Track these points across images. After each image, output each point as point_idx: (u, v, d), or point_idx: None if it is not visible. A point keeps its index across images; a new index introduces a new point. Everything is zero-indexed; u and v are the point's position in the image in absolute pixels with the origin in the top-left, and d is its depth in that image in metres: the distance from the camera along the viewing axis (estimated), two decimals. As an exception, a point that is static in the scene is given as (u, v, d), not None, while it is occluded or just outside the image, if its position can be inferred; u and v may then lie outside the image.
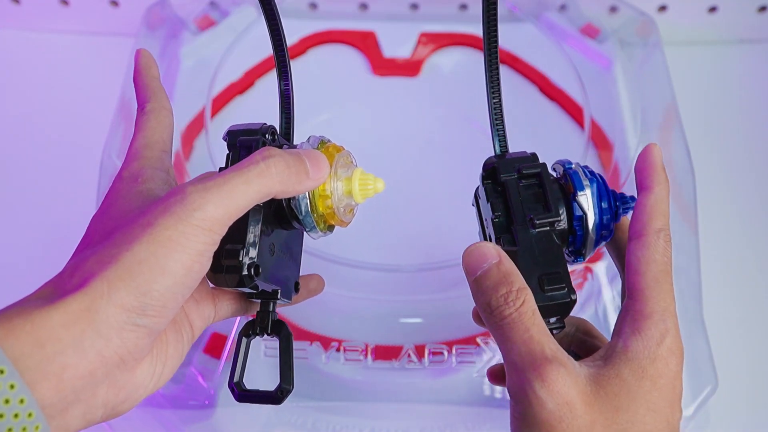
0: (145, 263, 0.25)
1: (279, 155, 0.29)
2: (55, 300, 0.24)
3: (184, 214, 0.26)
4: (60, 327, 0.24)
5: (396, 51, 0.61)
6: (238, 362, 0.32)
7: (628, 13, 0.59)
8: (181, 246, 0.26)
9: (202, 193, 0.26)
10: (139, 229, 0.26)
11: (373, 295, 0.46)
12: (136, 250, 0.25)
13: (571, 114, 0.58)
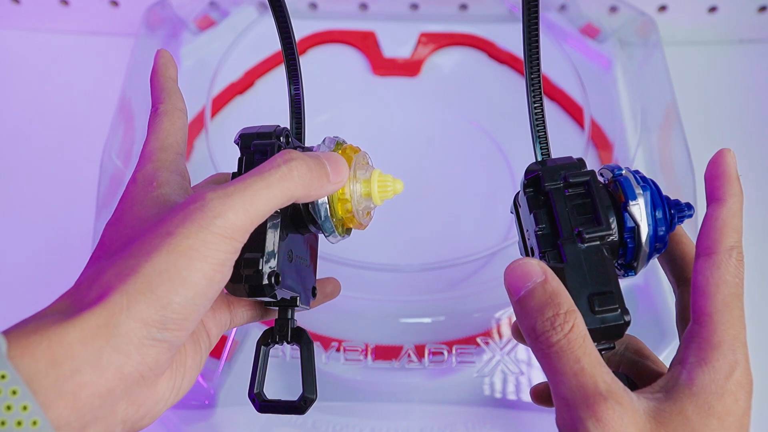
0: (165, 274, 0.24)
1: (300, 159, 0.28)
2: (73, 315, 0.23)
3: (205, 222, 0.25)
4: (77, 344, 0.23)
5: (396, 51, 0.61)
6: (258, 372, 0.31)
7: (628, 13, 0.59)
8: (202, 255, 0.25)
9: (223, 200, 0.25)
10: (158, 238, 0.25)
11: (373, 295, 0.46)
12: (156, 261, 0.24)
13: (571, 114, 0.58)
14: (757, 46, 0.66)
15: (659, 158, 0.52)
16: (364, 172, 0.32)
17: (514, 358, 0.43)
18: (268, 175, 0.27)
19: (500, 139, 0.57)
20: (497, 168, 0.56)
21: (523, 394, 0.43)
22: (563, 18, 0.60)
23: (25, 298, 0.54)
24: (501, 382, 0.43)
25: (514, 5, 0.61)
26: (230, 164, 0.33)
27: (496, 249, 0.47)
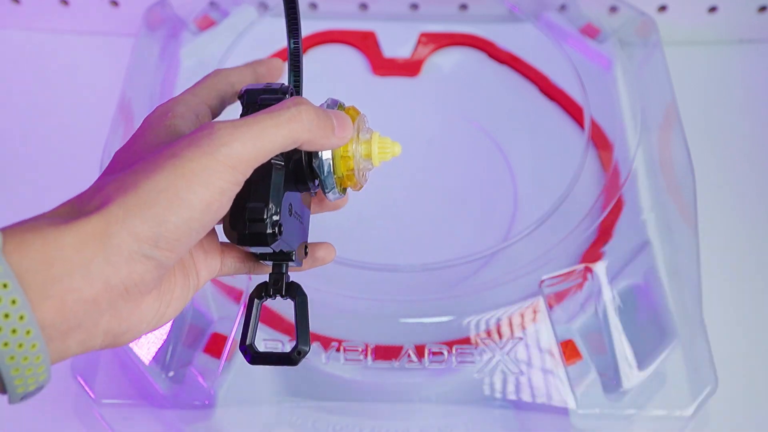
0: (164, 193, 0.25)
1: (310, 105, 0.29)
2: (70, 220, 0.24)
3: (210, 148, 0.26)
4: (70, 248, 0.24)
5: (396, 51, 0.61)
6: (250, 324, 0.31)
7: (628, 13, 0.59)
8: (203, 180, 0.25)
9: (231, 130, 0.26)
10: (162, 159, 0.26)
11: (373, 295, 0.46)
12: (158, 179, 0.25)
13: (571, 114, 0.58)
14: (757, 46, 0.66)
15: (659, 158, 0.52)
16: (365, 134, 0.33)
17: (514, 358, 0.43)
18: (277, 115, 0.28)
19: (500, 139, 0.57)
20: (497, 168, 0.56)
21: (523, 394, 0.43)
22: (563, 18, 0.60)
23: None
24: (501, 382, 0.43)
25: (514, 5, 0.61)
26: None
27: (496, 249, 0.47)
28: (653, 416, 0.43)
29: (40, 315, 0.23)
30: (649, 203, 0.49)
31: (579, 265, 0.46)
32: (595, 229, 0.49)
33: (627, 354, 0.43)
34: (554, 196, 0.47)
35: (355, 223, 0.53)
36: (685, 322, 0.44)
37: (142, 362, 0.43)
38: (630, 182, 0.50)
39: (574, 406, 0.42)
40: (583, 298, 0.45)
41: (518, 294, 0.45)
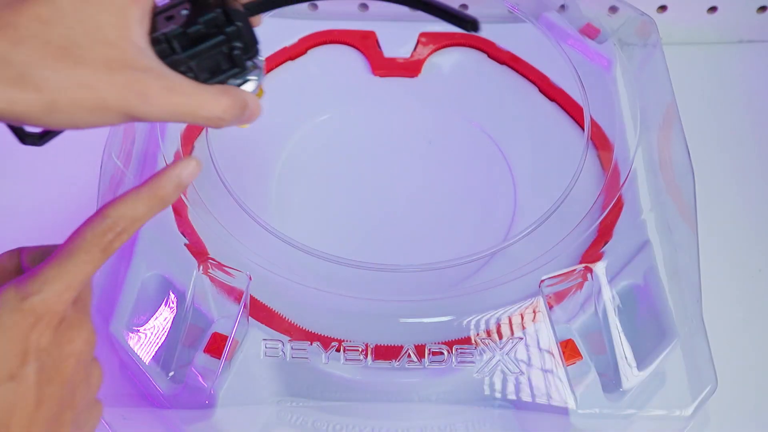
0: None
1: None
2: None
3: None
4: None
5: (396, 51, 0.61)
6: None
7: (628, 13, 0.59)
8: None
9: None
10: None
11: (373, 295, 0.46)
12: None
13: (571, 114, 0.58)
14: (757, 46, 0.66)
15: (659, 158, 0.52)
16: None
17: (514, 358, 0.43)
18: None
19: (500, 139, 0.57)
20: (497, 168, 0.56)
21: (523, 394, 0.43)
22: (563, 18, 0.60)
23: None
24: (501, 382, 0.43)
25: (514, 5, 0.61)
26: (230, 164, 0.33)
27: (496, 249, 0.47)
28: (653, 416, 0.43)
29: None
30: (649, 203, 0.49)
31: (579, 265, 0.46)
32: (595, 229, 0.49)
33: (627, 354, 0.43)
34: (554, 196, 0.47)
35: (355, 223, 0.53)
36: (685, 322, 0.44)
37: (142, 362, 0.43)
38: (630, 182, 0.50)
39: (574, 406, 0.42)
40: (583, 298, 0.45)
41: (518, 294, 0.45)
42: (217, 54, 0.32)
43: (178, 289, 0.45)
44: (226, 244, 0.46)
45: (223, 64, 0.32)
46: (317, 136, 0.57)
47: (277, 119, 0.56)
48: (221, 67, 0.32)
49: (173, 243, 0.46)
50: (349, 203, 0.54)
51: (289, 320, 0.45)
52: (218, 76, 0.32)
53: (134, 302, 0.44)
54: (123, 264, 0.46)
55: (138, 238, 0.46)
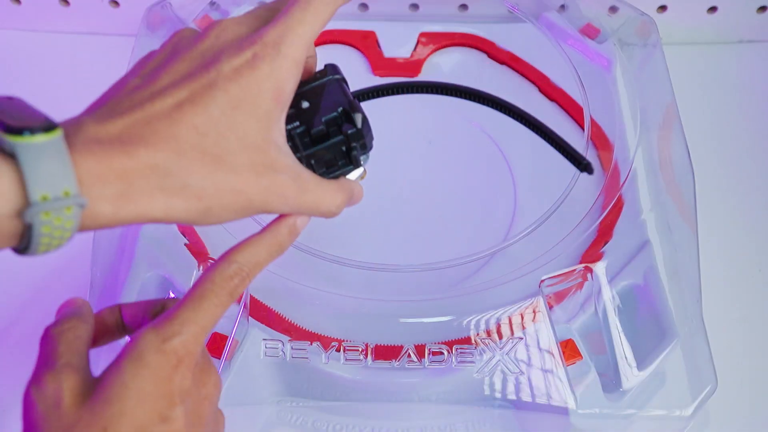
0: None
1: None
2: (128, 146, 0.27)
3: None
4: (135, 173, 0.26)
5: (396, 51, 0.61)
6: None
7: (628, 13, 0.59)
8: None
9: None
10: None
11: (373, 295, 0.46)
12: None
13: (571, 114, 0.58)
14: (757, 46, 0.66)
15: (659, 158, 0.52)
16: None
17: (514, 358, 0.43)
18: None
19: (500, 139, 0.57)
20: (497, 168, 0.56)
21: (523, 394, 0.43)
22: (563, 18, 0.60)
23: (24, 298, 0.54)
24: (501, 382, 0.43)
25: (514, 5, 0.61)
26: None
27: (496, 249, 0.47)
28: (653, 416, 0.43)
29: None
30: (649, 203, 0.49)
31: (579, 265, 0.46)
32: (595, 229, 0.49)
33: (627, 354, 0.43)
34: (554, 196, 0.47)
35: (355, 223, 0.53)
36: (684, 322, 0.44)
37: (142, 362, 0.43)
38: (630, 182, 0.50)
39: (574, 406, 0.42)
40: (583, 298, 0.45)
41: (518, 294, 0.45)
42: (335, 151, 0.33)
43: (178, 289, 0.45)
44: (226, 244, 0.46)
45: (339, 160, 0.34)
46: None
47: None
48: (337, 162, 0.34)
49: (173, 243, 0.46)
50: (349, 203, 0.54)
51: (289, 320, 0.45)
52: (334, 171, 0.34)
53: (134, 302, 0.44)
54: (123, 264, 0.46)
55: (138, 238, 0.46)
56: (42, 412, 0.27)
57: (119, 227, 0.29)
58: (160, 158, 0.27)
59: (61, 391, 0.27)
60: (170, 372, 0.28)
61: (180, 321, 0.28)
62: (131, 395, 0.27)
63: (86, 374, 0.28)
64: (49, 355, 0.29)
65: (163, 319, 0.29)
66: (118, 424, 0.26)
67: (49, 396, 0.27)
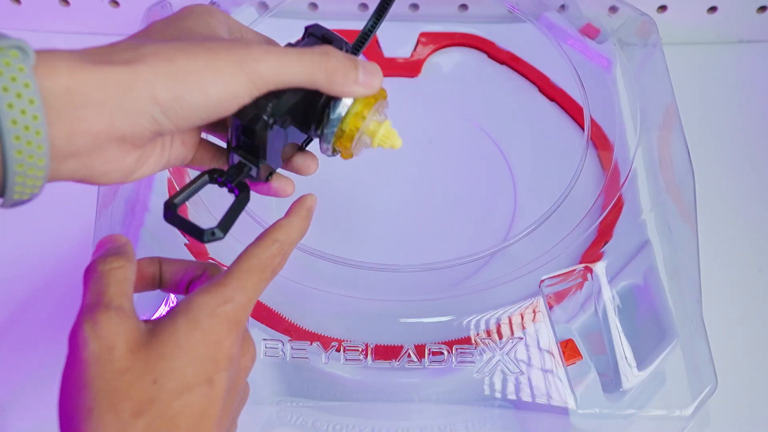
0: (191, 75, 0.28)
1: (336, 55, 0.32)
2: (101, 64, 0.27)
3: (242, 57, 0.30)
4: (94, 86, 0.27)
5: (396, 51, 0.61)
6: (188, 189, 0.33)
7: (628, 13, 0.59)
8: (225, 80, 0.29)
9: (263, 52, 0.30)
10: (201, 49, 0.29)
11: (373, 295, 0.46)
12: (193, 61, 0.29)
13: (571, 114, 0.58)
14: (757, 46, 0.66)
15: (659, 158, 0.52)
16: (380, 116, 0.36)
17: (514, 358, 0.43)
18: (306, 54, 0.31)
19: (500, 139, 0.57)
20: (497, 168, 0.56)
21: (523, 394, 0.43)
22: (563, 18, 0.60)
23: (24, 298, 0.54)
24: (501, 382, 0.43)
25: (514, 5, 0.61)
26: (230, 164, 0.33)
27: (496, 249, 0.47)
28: (653, 416, 0.43)
29: (52, 134, 0.26)
30: (649, 203, 0.49)
31: (579, 265, 0.46)
32: (595, 229, 0.49)
33: (627, 354, 0.43)
34: (554, 196, 0.47)
35: (356, 223, 0.53)
36: (685, 322, 0.44)
37: (142, 362, 0.43)
38: (630, 182, 0.50)
39: (574, 406, 0.42)
40: (583, 298, 0.45)
41: (518, 294, 0.45)
42: None
43: (178, 289, 0.45)
44: (227, 244, 0.46)
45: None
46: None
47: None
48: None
49: (173, 243, 0.46)
50: (349, 203, 0.54)
51: (289, 320, 0.45)
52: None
53: (134, 302, 0.44)
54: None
55: (138, 238, 0.47)
56: (95, 352, 0.27)
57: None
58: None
59: (116, 335, 0.27)
60: (221, 337, 0.29)
61: (232, 288, 0.30)
62: (183, 354, 0.28)
63: (137, 321, 0.29)
64: (101, 294, 0.29)
65: (216, 284, 0.30)
66: (167, 379, 0.27)
67: (104, 337, 0.27)
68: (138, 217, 0.48)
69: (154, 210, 0.48)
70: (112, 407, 0.26)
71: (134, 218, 0.48)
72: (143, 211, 0.48)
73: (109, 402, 0.26)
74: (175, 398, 0.27)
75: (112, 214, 0.48)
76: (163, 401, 0.27)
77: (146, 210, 0.48)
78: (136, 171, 0.32)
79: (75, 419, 0.27)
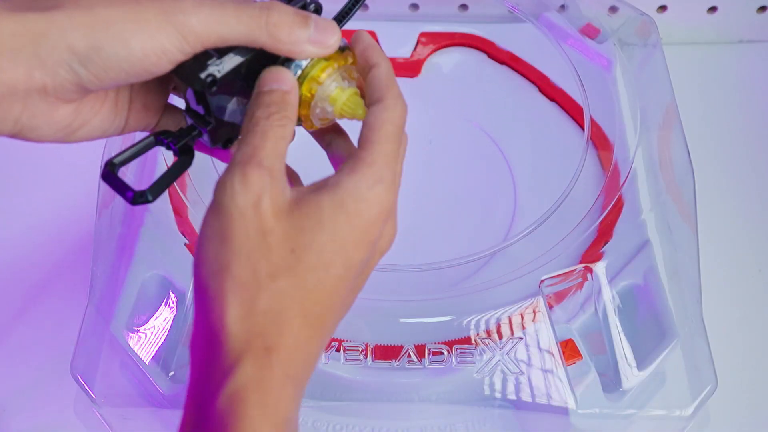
0: (111, 26, 0.27)
1: (284, 8, 0.29)
2: (19, 11, 0.26)
3: (171, 9, 0.27)
4: (8, 33, 0.26)
5: (396, 51, 0.61)
6: (131, 150, 0.31)
7: (628, 13, 0.59)
8: (150, 33, 0.27)
9: (196, 4, 0.28)
10: (123, 0, 0.27)
11: (373, 295, 0.46)
12: (111, 12, 0.27)
13: (571, 114, 0.58)
14: (757, 46, 0.66)
15: (659, 158, 0.52)
16: (345, 83, 0.32)
17: (514, 358, 0.43)
18: (244, 8, 0.28)
19: (500, 139, 0.57)
20: (497, 168, 0.56)
21: (523, 394, 0.43)
22: (563, 18, 0.60)
23: (25, 299, 0.54)
24: (501, 382, 0.43)
25: (514, 5, 0.61)
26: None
27: (496, 249, 0.47)
28: (653, 416, 0.43)
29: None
30: (649, 203, 0.49)
31: (579, 265, 0.46)
32: (595, 229, 0.49)
33: (627, 354, 0.43)
34: (554, 196, 0.47)
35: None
36: (685, 322, 0.44)
37: (142, 362, 0.43)
38: (630, 182, 0.50)
39: (574, 406, 0.42)
40: (583, 298, 0.45)
41: (518, 294, 0.45)
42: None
43: (178, 289, 0.45)
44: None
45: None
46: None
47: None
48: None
49: (173, 243, 0.46)
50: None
51: (289, 320, 0.45)
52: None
53: (134, 302, 0.44)
54: (123, 264, 0.46)
55: (138, 239, 0.46)
56: (241, 206, 0.26)
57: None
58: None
59: (265, 194, 0.27)
60: (367, 222, 0.28)
61: (380, 166, 0.28)
62: (325, 233, 0.27)
63: (285, 185, 0.28)
64: (257, 149, 0.28)
65: (362, 162, 0.28)
66: (306, 252, 0.27)
67: (254, 193, 0.27)
68: (138, 217, 0.48)
69: (154, 210, 0.48)
70: (250, 266, 0.26)
71: (134, 218, 0.48)
72: (143, 211, 0.48)
73: (248, 260, 0.26)
74: (311, 272, 0.27)
75: (112, 214, 0.48)
76: (300, 272, 0.27)
77: (146, 210, 0.48)
78: (78, 131, 0.30)
79: (210, 271, 0.27)
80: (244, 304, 0.26)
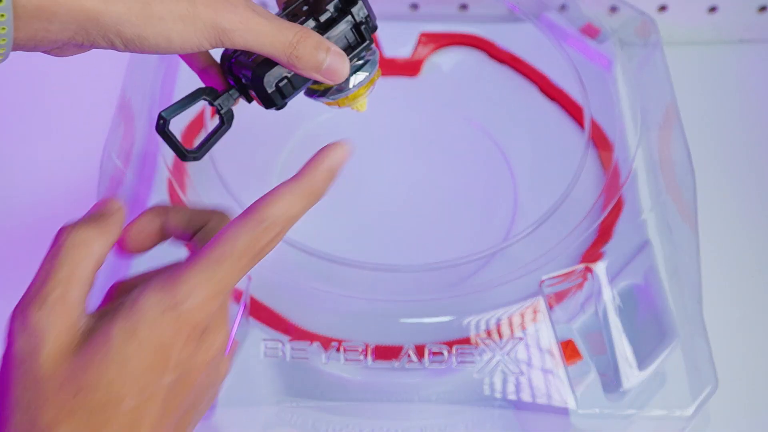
0: (162, 23, 0.29)
1: (311, 45, 0.33)
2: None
3: (219, 20, 0.30)
4: (66, 11, 0.28)
5: (396, 51, 0.61)
6: (180, 103, 0.33)
7: (628, 13, 0.59)
8: (194, 33, 0.30)
9: (243, 19, 0.30)
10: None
11: (373, 295, 0.46)
12: (166, 8, 0.29)
13: (571, 114, 0.58)
14: (757, 46, 0.66)
15: (659, 158, 0.52)
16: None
17: (514, 358, 0.43)
18: (280, 35, 0.32)
19: (500, 139, 0.57)
20: (497, 168, 0.56)
21: (524, 394, 0.43)
22: (563, 18, 0.60)
23: (24, 298, 0.53)
24: (501, 382, 0.43)
25: (514, 5, 0.61)
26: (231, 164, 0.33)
27: (496, 249, 0.47)
28: (653, 416, 0.43)
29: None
30: (649, 203, 0.49)
31: (579, 265, 0.46)
32: (595, 229, 0.49)
33: (627, 354, 0.43)
34: (554, 196, 0.47)
35: (355, 222, 0.53)
36: (685, 322, 0.44)
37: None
38: (630, 182, 0.50)
39: (574, 406, 0.42)
40: (583, 298, 0.45)
41: (518, 294, 0.45)
42: (347, 33, 0.37)
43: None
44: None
45: (351, 40, 0.37)
46: (317, 136, 0.57)
47: (278, 119, 0.56)
48: (350, 44, 0.37)
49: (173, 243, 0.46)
50: (349, 203, 0.54)
51: (289, 320, 0.45)
52: (349, 54, 0.36)
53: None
54: (123, 264, 0.46)
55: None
56: (19, 353, 0.25)
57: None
58: None
59: (46, 334, 0.24)
60: (170, 342, 0.25)
61: (190, 286, 0.25)
62: (113, 365, 0.25)
63: (77, 315, 0.25)
64: (46, 278, 0.26)
65: (170, 278, 0.25)
66: (92, 390, 0.25)
67: (32, 335, 0.24)
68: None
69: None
70: (28, 418, 0.24)
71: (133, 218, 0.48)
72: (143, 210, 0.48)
73: (27, 412, 0.24)
74: (98, 412, 0.24)
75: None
76: (83, 415, 0.24)
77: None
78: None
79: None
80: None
